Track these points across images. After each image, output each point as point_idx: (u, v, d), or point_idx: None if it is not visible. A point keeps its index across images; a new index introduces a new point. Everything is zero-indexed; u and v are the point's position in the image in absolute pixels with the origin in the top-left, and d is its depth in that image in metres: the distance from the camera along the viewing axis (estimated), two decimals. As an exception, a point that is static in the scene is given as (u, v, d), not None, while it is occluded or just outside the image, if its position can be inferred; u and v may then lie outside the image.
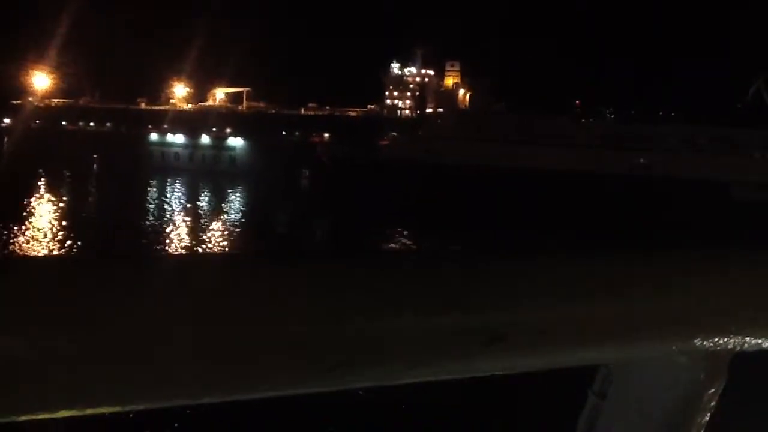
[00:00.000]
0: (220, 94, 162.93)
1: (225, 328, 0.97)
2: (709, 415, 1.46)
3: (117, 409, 0.95)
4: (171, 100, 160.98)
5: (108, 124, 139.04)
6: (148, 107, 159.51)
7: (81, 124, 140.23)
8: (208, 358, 0.96)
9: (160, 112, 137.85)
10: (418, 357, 1.09)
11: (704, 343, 1.35)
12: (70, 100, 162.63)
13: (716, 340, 1.36)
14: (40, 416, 0.90)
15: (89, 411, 0.93)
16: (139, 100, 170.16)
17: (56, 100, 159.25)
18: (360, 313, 1.05)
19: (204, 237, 52.24)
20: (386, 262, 1.17)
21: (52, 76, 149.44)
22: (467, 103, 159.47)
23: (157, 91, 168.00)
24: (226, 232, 54.60)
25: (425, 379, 1.13)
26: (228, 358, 0.97)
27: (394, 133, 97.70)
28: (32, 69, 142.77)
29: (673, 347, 1.34)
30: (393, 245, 48.79)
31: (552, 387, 8.96)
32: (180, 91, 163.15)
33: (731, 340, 1.38)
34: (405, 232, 55.08)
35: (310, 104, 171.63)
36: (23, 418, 0.89)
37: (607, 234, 46.87)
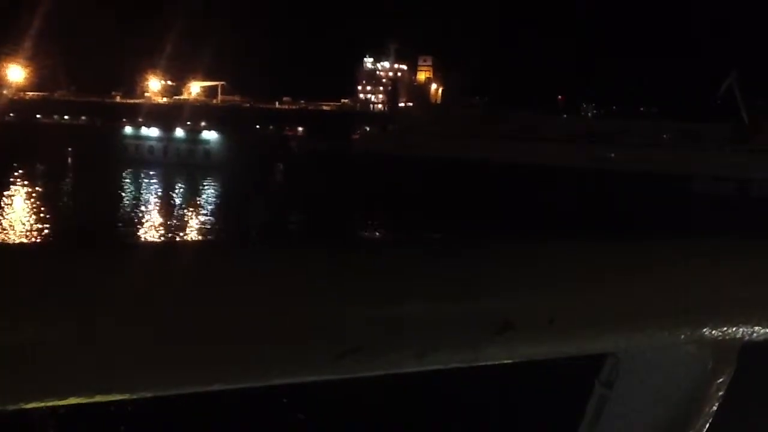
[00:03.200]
0: (195, 88, 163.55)
1: (233, 314, 0.97)
2: (717, 404, 1.45)
3: (126, 396, 0.95)
4: (146, 94, 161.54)
5: (83, 118, 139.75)
6: (123, 100, 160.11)
7: (56, 117, 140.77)
8: (216, 344, 0.96)
9: (134, 105, 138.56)
10: (427, 345, 1.09)
11: (713, 332, 1.34)
12: (46, 93, 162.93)
13: (725, 329, 1.35)
14: (48, 403, 0.91)
15: (98, 398, 0.93)
16: (114, 93, 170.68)
17: (31, 93, 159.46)
18: (369, 300, 1.05)
19: (179, 229, 52.97)
20: (395, 249, 1.17)
21: (27, 68, 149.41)
22: (439, 98, 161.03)
23: (132, 85, 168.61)
24: (200, 225, 55.41)
25: (434, 367, 1.13)
26: (236, 345, 0.97)
27: (367, 127, 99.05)
28: (7, 61, 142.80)
29: (682, 336, 1.33)
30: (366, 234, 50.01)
31: (559, 377, 9.16)
32: (155, 85, 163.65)
33: (740, 330, 1.37)
34: (374, 223, 56.44)
35: (284, 98, 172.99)
36: (30, 405, 0.90)
37: (569, 225, 48.25)
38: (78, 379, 0.91)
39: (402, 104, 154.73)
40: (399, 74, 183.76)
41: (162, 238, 47.84)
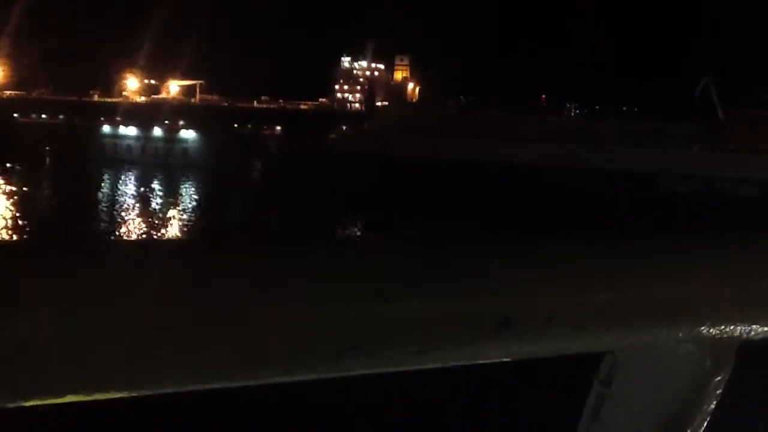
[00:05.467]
0: (173, 87, 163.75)
1: (230, 311, 0.97)
2: (715, 403, 1.46)
3: (125, 394, 0.95)
4: (124, 93, 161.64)
5: (61, 117, 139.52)
6: (101, 99, 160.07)
7: (34, 116, 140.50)
8: (215, 343, 0.97)
9: (112, 104, 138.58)
10: (426, 343, 1.09)
11: (711, 330, 1.34)
12: (23, 93, 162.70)
13: (723, 327, 1.35)
14: (47, 401, 0.91)
15: (97, 396, 0.94)
16: (92, 92, 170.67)
17: (8, 92, 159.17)
18: (368, 298, 1.05)
19: (163, 228, 53.28)
20: (393, 247, 1.16)
21: (4, 67, 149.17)
22: (416, 97, 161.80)
23: (110, 84, 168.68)
24: (184, 224, 55.75)
25: (433, 366, 1.13)
26: (234, 343, 0.98)
27: (344, 127, 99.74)
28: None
29: (680, 334, 1.33)
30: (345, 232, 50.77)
31: (557, 374, 9.23)
32: (133, 84, 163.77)
33: (738, 328, 1.37)
34: (351, 222, 57.29)
35: (262, 97, 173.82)
36: (29, 403, 0.90)
37: (543, 224, 49.12)
38: (76, 377, 0.91)
39: (379, 103, 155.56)
40: (376, 73, 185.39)
41: (147, 237, 48.10)
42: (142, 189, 73.69)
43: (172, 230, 52.33)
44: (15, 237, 45.71)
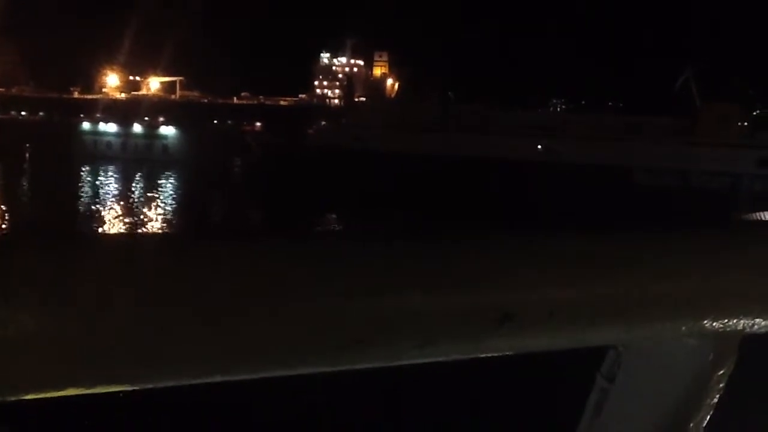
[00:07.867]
0: (154, 83, 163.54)
1: (231, 306, 0.96)
2: (717, 396, 1.45)
3: (127, 387, 0.95)
4: (104, 89, 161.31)
5: (41, 113, 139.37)
6: (81, 96, 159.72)
7: (13, 113, 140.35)
8: (217, 337, 0.96)
9: (92, 101, 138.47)
10: (427, 336, 1.09)
11: (714, 324, 1.33)
12: (3, 89, 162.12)
13: (726, 321, 1.34)
14: (47, 394, 0.91)
15: (99, 389, 0.93)
16: (72, 89, 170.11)
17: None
18: (369, 292, 1.05)
19: (143, 223, 53.48)
20: (394, 240, 1.14)
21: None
22: (395, 93, 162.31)
23: (91, 80, 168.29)
24: (160, 220, 56.04)
25: (436, 359, 1.13)
26: (237, 337, 0.97)
27: (323, 122, 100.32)
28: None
29: (683, 328, 1.32)
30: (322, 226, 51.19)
31: (559, 369, 9.34)
32: (113, 80, 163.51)
33: (741, 322, 1.36)
34: (329, 216, 57.91)
35: (242, 93, 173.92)
36: (29, 396, 0.90)
37: (522, 218, 49.64)
38: (74, 370, 0.91)
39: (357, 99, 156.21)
40: (355, 69, 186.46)
41: (142, 232, 48.03)
42: (122, 185, 74.00)
43: (158, 225, 52.55)
44: (5, 233, 45.94)
